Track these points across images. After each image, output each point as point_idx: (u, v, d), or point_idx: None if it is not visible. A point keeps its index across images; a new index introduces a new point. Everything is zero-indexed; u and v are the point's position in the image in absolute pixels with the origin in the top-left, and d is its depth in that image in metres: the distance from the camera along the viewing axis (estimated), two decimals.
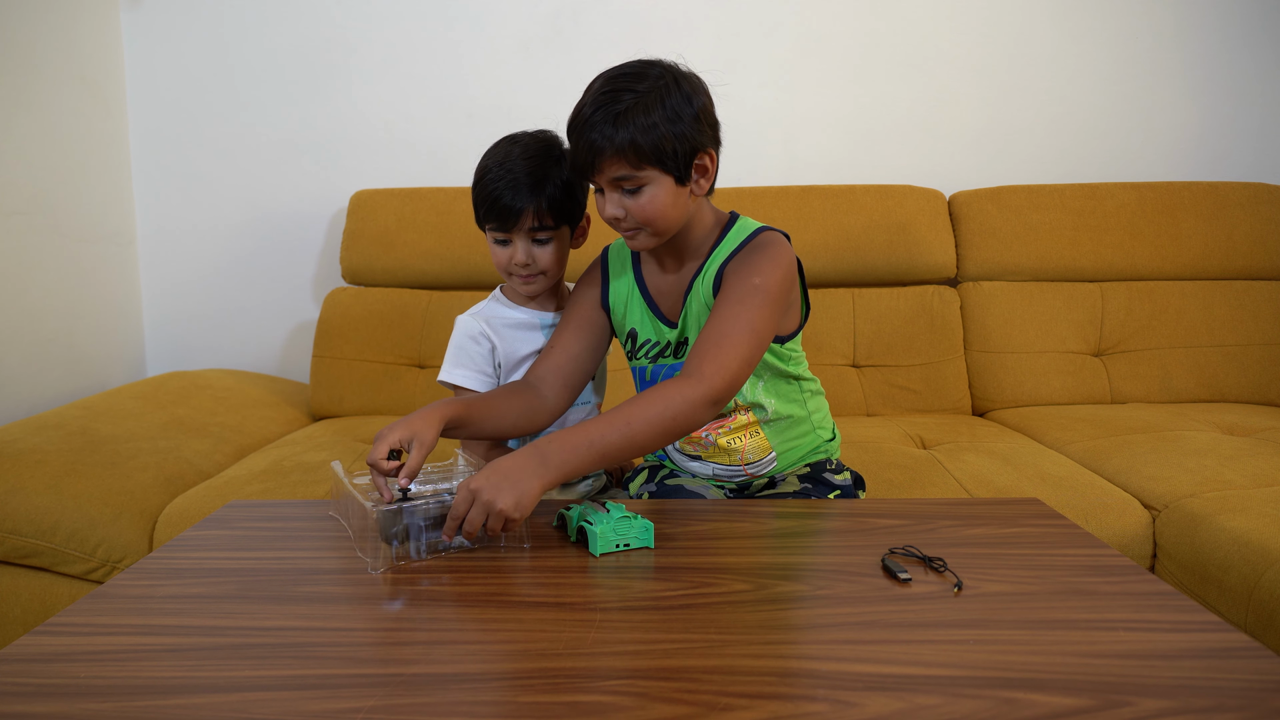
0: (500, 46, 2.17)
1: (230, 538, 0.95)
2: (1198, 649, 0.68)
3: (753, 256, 1.06)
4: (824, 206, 2.00)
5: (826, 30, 2.16)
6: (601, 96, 0.98)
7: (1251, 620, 1.12)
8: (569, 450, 0.90)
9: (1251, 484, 1.36)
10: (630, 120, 0.97)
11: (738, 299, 1.01)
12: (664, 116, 0.97)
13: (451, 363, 1.21)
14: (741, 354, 0.98)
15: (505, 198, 1.11)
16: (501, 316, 1.23)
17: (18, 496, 1.34)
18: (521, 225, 1.13)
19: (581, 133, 0.99)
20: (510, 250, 1.16)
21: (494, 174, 1.12)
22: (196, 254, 2.25)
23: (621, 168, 0.99)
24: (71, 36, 1.98)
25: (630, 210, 1.02)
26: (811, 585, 0.81)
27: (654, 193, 1.01)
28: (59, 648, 0.70)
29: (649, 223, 1.03)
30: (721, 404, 0.98)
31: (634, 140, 0.97)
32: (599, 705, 0.61)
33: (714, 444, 1.17)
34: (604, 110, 0.97)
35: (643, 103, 0.97)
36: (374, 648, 0.71)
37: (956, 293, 2.02)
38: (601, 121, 0.97)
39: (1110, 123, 2.18)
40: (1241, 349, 1.94)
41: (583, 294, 1.20)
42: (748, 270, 1.04)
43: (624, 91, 0.98)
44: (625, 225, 1.04)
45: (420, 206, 2.04)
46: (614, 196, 1.02)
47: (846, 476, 1.21)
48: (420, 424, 0.93)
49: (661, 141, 0.97)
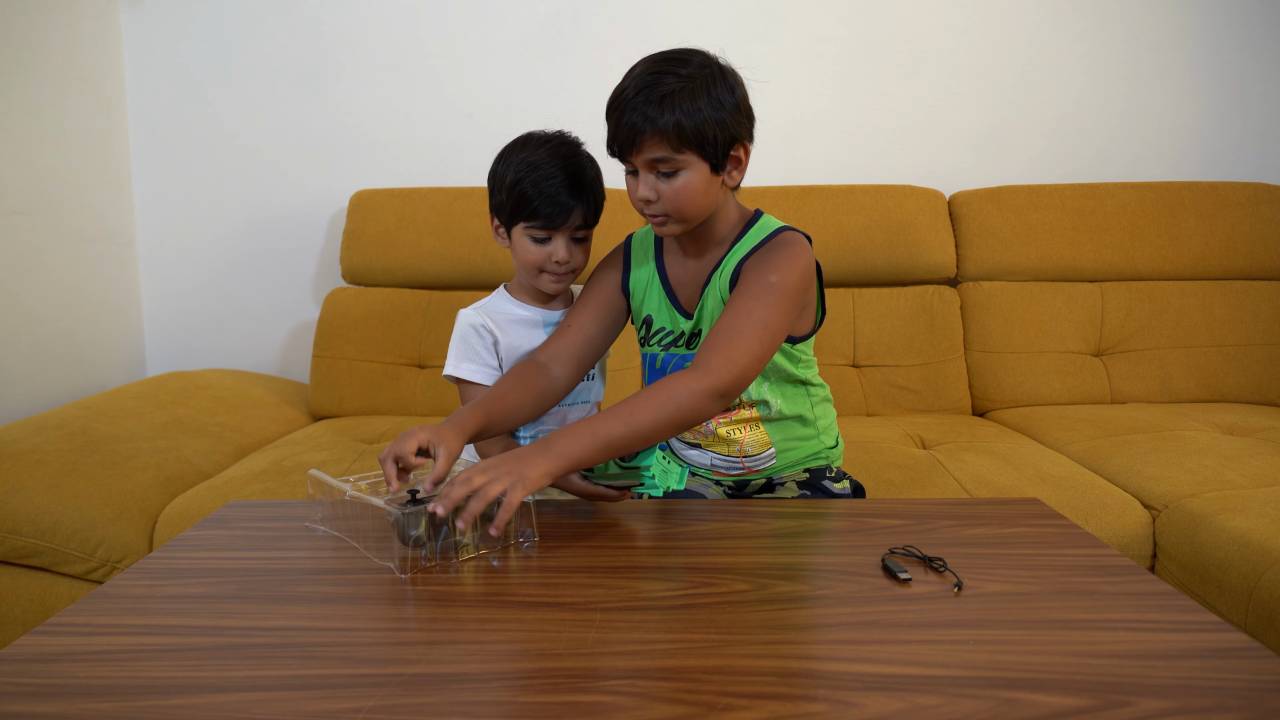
0: (500, 46, 2.17)
1: (230, 538, 0.95)
2: (1198, 649, 0.68)
3: (771, 254, 1.06)
4: (824, 206, 2.00)
5: (826, 30, 2.16)
6: (646, 78, 0.99)
7: (1251, 620, 1.12)
8: (573, 439, 0.91)
9: (1251, 484, 1.36)
10: (676, 103, 0.97)
11: (752, 295, 1.02)
12: (708, 102, 0.98)
13: (457, 356, 1.21)
14: (752, 350, 0.99)
15: (561, 195, 1.12)
16: (505, 312, 1.23)
17: (18, 496, 1.34)
18: (571, 223, 1.14)
19: (624, 113, 0.99)
20: (550, 248, 1.16)
21: (546, 170, 1.12)
22: (196, 254, 2.25)
23: (662, 149, 0.99)
24: (71, 36, 1.98)
25: (663, 194, 1.02)
26: (811, 585, 0.81)
27: (689, 178, 1.01)
28: (59, 648, 0.70)
29: (679, 207, 1.03)
30: (729, 399, 0.99)
31: (678, 123, 0.97)
32: (599, 705, 0.61)
33: (713, 433, 1.17)
34: (649, 91, 0.98)
35: (688, 87, 0.98)
36: (374, 648, 0.71)
37: (956, 293, 2.02)
38: (645, 103, 0.98)
39: (1110, 123, 2.18)
40: (1241, 349, 1.94)
41: (604, 276, 1.20)
42: (765, 267, 1.04)
43: (668, 75, 0.98)
44: (655, 209, 1.04)
45: (420, 206, 2.04)
46: (649, 179, 1.02)
47: (846, 485, 1.21)
48: (448, 433, 0.94)
49: (704, 126, 0.98)
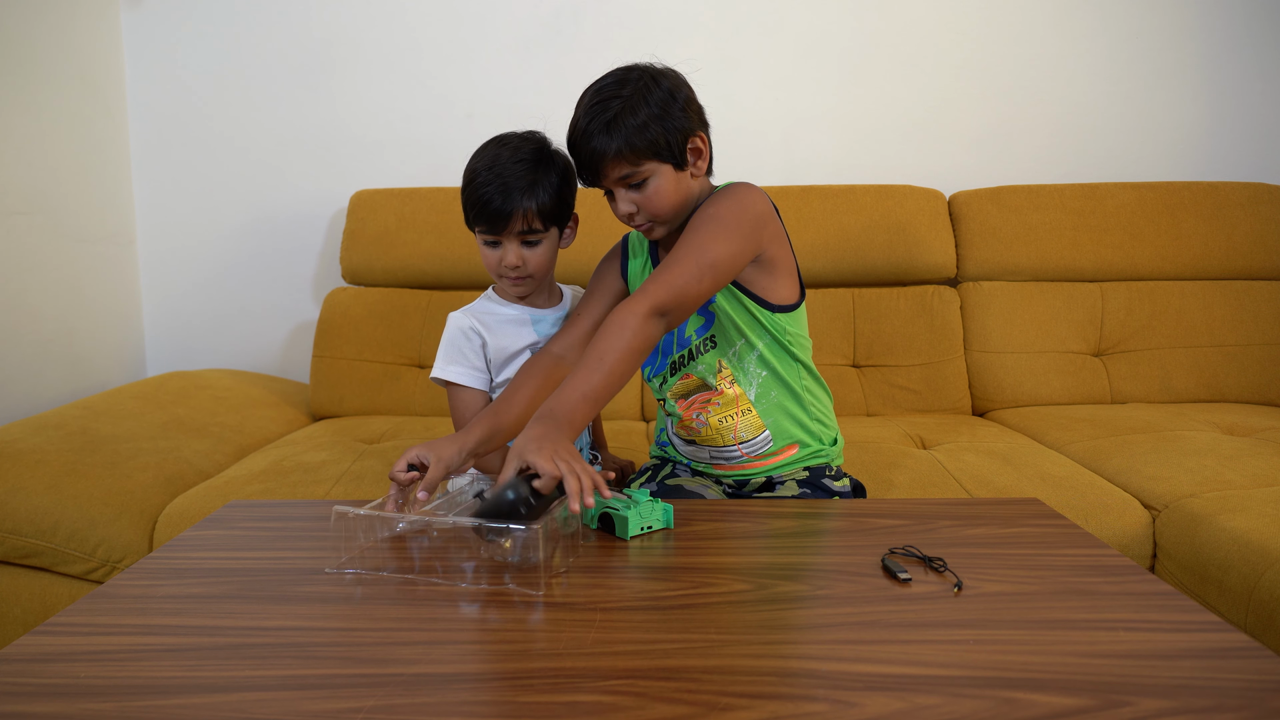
0: (500, 46, 2.17)
1: (230, 538, 0.95)
2: (1198, 649, 0.68)
3: (715, 197, 1.12)
4: (824, 206, 2.00)
5: (826, 30, 2.16)
6: (592, 109, 1.06)
7: (1251, 620, 1.12)
8: (567, 408, 0.95)
9: (1251, 484, 1.36)
10: (622, 124, 1.05)
11: (692, 228, 1.08)
12: (650, 114, 1.06)
13: (444, 359, 1.21)
14: (687, 270, 1.03)
15: (495, 201, 1.12)
16: (493, 313, 1.24)
17: (18, 496, 1.34)
18: (511, 228, 1.14)
19: (580, 144, 1.08)
20: (500, 252, 1.17)
21: (483, 177, 1.13)
22: (196, 254, 2.25)
23: (623, 167, 1.07)
24: (71, 36, 1.98)
25: (640, 204, 1.09)
26: (811, 585, 0.81)
27: (658, 183, 1.08)
28: (59, 648, 0.70)
29: (658, 211, 1.09)
30: (668, 315, 1.03)
31: (629, 140, 1.05)
32: (599, 705, 0.61)
33: (706, 424, 1.18)
34: (597, 120, 1.05)
35: (629, 105, 1.05)
36: (374, 648, 0.70)
37: (956, 293, 2.02)
38: (597, 131, 1.05)
39: (1110, 123, 2.18)
40: (1241, 349, 1.94)
41: (605, 268, 1.26)
42: (707, 207, 1.10)
43: (611, 99, 1.06)
44: (638, 220, 1.11)
45: (420, 206, 2.04)
46: (623, 194, 1.09)
47: (846, 484, 1.21)
48: (443, 444, 1.00)
49: (655, 136, 1.06)
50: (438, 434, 1.73)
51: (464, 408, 1.21)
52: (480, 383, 1.21)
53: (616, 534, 0.94)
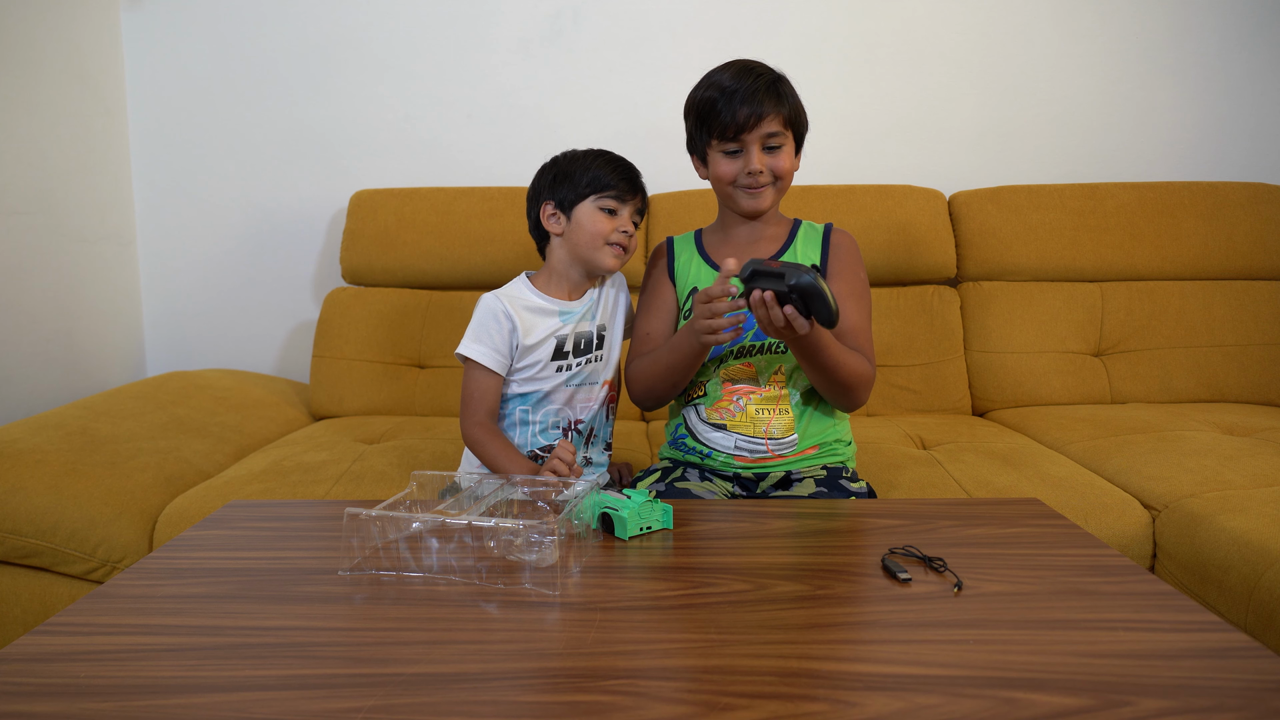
0: (500, 46, 2.17)
1: (230, 538, 0.95)
2: (1198, 649, 0.68)
3: (857, 252, 1.30)
4: (824, 206, 2.00)
5: (827, 30, 2.16)
6: (746, 74, 1.17)
7: (1251, 620, 1.12)
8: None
9: (1251, 484, 1.36)
10: (784, 90, 1.19)
11: (853, 296, 1.25)
12: (795, 96, 1.21)
13: (472, 337, 1.25)
14: (868, 326, 1.26)
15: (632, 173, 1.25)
16: (524, 299, 1.27)
17: (18, 496, 1.34)
18: (635, 204, 1.25)
19: (739, 98, 1.16)
20: (617, 221, 1.24)
21: (607, 156, 1.25)
22: (196, 254, 2.25)
23: (776, 124, 1.18)
24: (71, 36, 1.98)
25: (770, 166, 1.20)
26: (811, 585, 0.81)
27: (788, 153, 1.22)
28: (59, 648, 0.70)
29: (783, 176, 1.22)
30: None
31: (792, 105, 1.20)
32: (599, 705, 0.61)
33: (744, 410, 1.22)
34: (761, 79, 1.17)
35: (784, 80, 1.21)
36: (374, 648, 0.71)
37: (956, 293, 2.02)
38: (762, 88, 1.16)
39: (1110, 123, 2.18)
40: (1241, 349, 1.94)
41: (654, 277, 1.34)
42: (858, 265, 1.28)
43: (763, 72, 1.19)
44: (762, 180, 1.20)
45: (420, 206, 2.04)
46: (758, 153, 1.19)
47: (863, 485, 1.22)
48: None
49: (801, 113, 1.22)
50: (438, 434, 1.73)
51: (476, 388, 1.24)
52: (500, 367, 1.24)
53: (616, 534, 0.94)
